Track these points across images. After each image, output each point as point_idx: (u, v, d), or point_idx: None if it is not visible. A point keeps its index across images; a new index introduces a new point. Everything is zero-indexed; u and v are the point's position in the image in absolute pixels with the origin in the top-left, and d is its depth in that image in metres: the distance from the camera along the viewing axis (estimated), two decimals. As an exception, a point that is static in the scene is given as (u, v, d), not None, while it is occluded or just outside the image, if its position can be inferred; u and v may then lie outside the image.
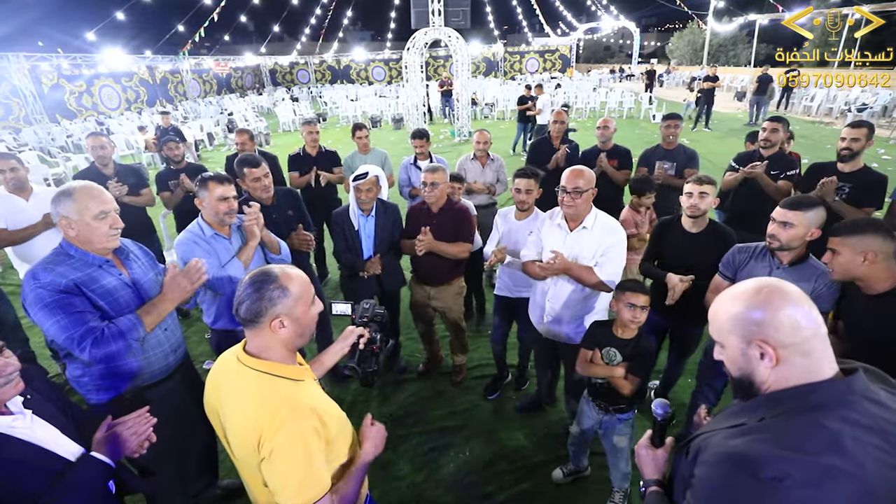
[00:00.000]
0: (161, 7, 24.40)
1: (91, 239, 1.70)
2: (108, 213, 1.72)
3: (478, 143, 4.07)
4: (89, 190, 1.70)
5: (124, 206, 3.63)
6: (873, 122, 12.88)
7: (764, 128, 3.35)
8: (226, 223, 2.31)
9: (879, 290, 1.61)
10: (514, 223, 2.81)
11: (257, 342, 1.23)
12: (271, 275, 1.20)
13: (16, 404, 1.28)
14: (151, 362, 1.88)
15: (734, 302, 0.93)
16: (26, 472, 1.22)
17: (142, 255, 1.99)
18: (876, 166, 3.50)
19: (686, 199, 2.45)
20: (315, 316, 1.31)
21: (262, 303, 1.18)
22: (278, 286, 1.19)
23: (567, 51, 30.36)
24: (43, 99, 14.96)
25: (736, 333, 0.92)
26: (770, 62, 15.18)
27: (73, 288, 1.65)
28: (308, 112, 17.94)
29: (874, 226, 1.61)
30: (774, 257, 2.04)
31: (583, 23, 36.29)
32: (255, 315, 1.18)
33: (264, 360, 1.21)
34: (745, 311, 0.91)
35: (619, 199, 4.08)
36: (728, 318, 0.94)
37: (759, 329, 0.89)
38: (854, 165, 2.90)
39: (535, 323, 2.61)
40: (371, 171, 2.73)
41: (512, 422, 2.98)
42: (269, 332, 1.20)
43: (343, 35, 42.19)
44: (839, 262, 1.67)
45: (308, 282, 1.27)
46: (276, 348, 1.23)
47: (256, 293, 1.18)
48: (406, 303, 3.30)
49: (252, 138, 4.26)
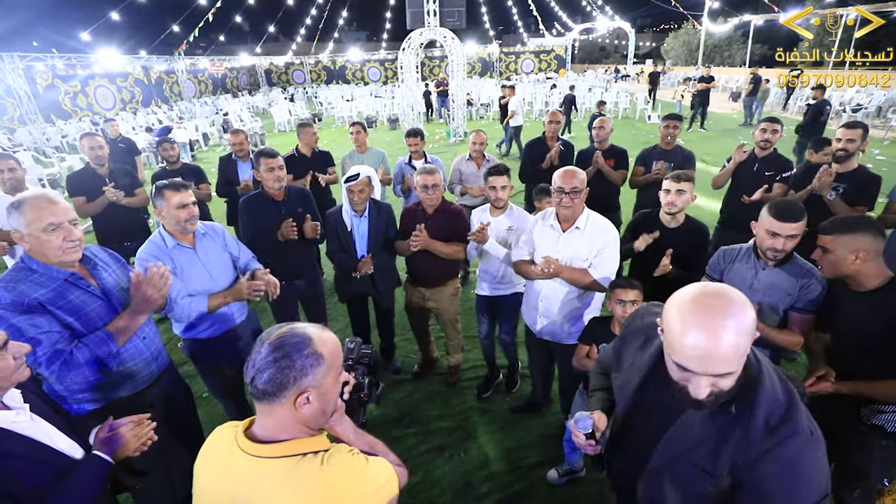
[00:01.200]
0: (156, 7, 24.30)
1: (44, 252, 1.59)
2: (59, 225, 1.59)
3: (474, 143, 4.08)
4: (38, 201, 1.58)
5: (119, 206, 3.67)
6: (867, 122, 12.99)
7: (763, 129, 3.34)
8: (188, 231, 2.18)
9: (868, 287, 1.63)
10: (490, 220, 2.81)
11: (271, 422, 0.98)
12: (305, 337, 0.97)
13: (16, 399, 1.26)
14: (133, 372, 1.85)
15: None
16: (28, 467, 1.21)
17: (112, 261, 1.89)
18: (871, 167, 3.54)
19: (664, 195, 2.50)
20: (339, 389, 1.09)
21: (291, 373, 0.94)
22: (313, 352, 0.97)
23: (562, 51, 30.45)
24: (38, 99, 14.85)
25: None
26: (766, 63, 15.29)
27: (37, 307, 1.55)
28: (304, 112, 17.90)
29: (865, 224, 1.61)
30: (759, 259, 2.02)
31: (578, 23, 36.29)
32: (280, 388, 0.94)
33: (279, 442, 0.96)
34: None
35: (614, 198, 4.09)
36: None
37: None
38: (849, 166, 2.92)
39: (529, 324, 2.61)
40: (363, 172, 2.73)
41: (507, 422, 2.97)
42: (290, 410, 0.97)
43: (338, 35, 42.14)
44: (830, 259, 1.67)
45: (339, 346, 1.07)
46: (293, 428, 0.98)
47: (286, 359, 0.94)
48: (401, 304, 3.29)
49: (247, 139, 4.25)
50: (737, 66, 27.87)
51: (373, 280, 2.96)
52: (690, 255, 2.47)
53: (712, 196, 3.77)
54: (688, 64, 32.54)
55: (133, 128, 13.99)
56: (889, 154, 9.26)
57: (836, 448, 1.83)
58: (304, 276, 3.08)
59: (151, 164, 11.22)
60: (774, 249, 1.89)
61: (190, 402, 2.31)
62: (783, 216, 1.84)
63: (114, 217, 3.75)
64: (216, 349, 2.37)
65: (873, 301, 1.60)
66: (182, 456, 2.25)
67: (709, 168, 7.88)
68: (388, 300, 3.23)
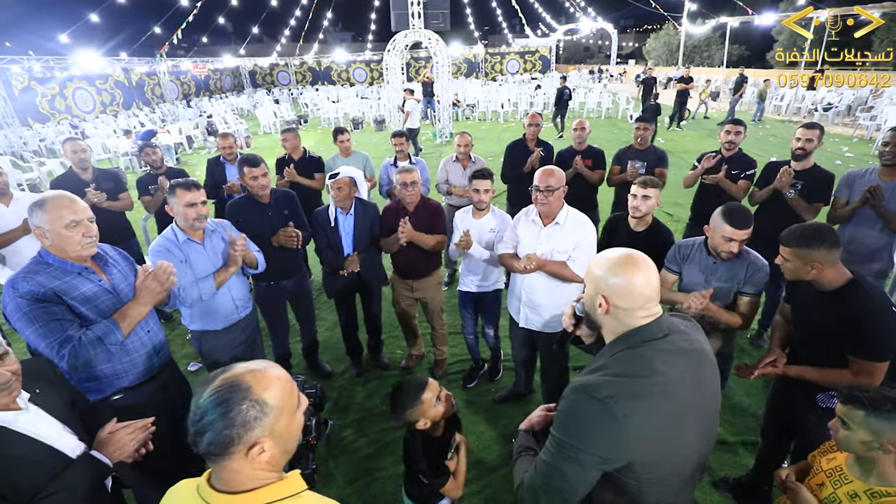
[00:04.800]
0: (137, 8, 23.97)
1: (64, 248, 1.72)
2: (80, 222, 1.72)
3: (458, 145, 4.20)
4: (60, 199, 1.71)
5: (103, 210, 3.68)
6: (838, 120, 13.43)
7: (728, 130, 3.52)
8: (197, 228, 2.34)
9: (829, 288, 1.77)
10: (472, 221, 2.96)
11: (228, 476, 0.89)
12: (241, 386, 0.87)
13: (21, 400, 1.33)
14: (136, 364, 1.93)
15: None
16: (24, 466, 1.27)
17: (121, 259, 2.00)
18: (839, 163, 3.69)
19: (631, 199, 2.66)
20: (302, 418, 1.00)
21: (231, 430, 0.85)
22: (252, 402, 0.87)
23: (547, 52, 30.76)
24: (13, 101, 14.58)
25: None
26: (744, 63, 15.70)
27: (52, 297, 1.67)
28: (289, 114, 17.82)
29: (819, 239, 1.71)
30: (710, 255, 2.28)
31: (562, 24, 36.78)
32: (225, 448, 0.85)
33: (247, 492, 0.88)
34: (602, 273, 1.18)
35: (593, 197, 4.25)
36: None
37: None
38: (806, 164, 3.10)
39: (512, 314, 2.75)
40: (345, 173, 2.90)
41: (491, 413, 3.10)
42: (245, 462, 0.88)
43: (323, 36, 41.99)
44: (789, 268, 1.82)
45: (289, 379, 0.97)
46: (256, 477, 0.90)
47: (222, 419, 0.84)
48: (388, 301, 3.40)
49: (236, 142, 4.31)
50: (715, 67, 28.51)
51: (360, 277, 3.07)
52: (655, 254, 2.60)
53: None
54: (669, 64, 33.13)
55: (114, 131, 13.81)
56: (857, 151, 9.63)
57: (796, 428, 2.04)
58: (292, 275, 3.17)
59: (135, 169, 11.12)
60: (730, 252, 2.17)
61: (188, 397, 2.38)
62: (738, 224, 2.11)
63: (98, 221, 3.75)
64: (220, 341, 2.55)
65: (833, 300, 1.75)
66: (179, 451, 2.34)
67: (688, 167, 8.10)
68: (376, 297, 3.34)
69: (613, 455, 1.05)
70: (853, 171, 3.01)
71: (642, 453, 1.06)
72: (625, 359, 1.11)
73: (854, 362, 1.70)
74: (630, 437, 1.03)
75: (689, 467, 1.17)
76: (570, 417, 1.10)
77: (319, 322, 3.94)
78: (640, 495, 1.11)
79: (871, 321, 1.65)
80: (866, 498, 1.35)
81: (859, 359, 1.69)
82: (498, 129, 14.59)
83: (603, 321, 1.20)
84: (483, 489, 2.56)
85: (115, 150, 11.64)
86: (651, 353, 1.10)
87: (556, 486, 1.09)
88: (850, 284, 1.73)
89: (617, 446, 1.04)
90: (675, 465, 1.13)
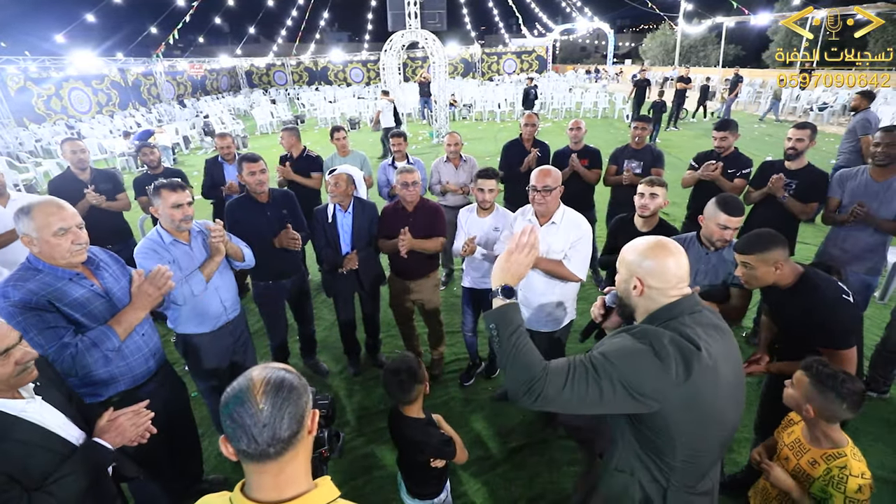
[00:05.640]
0: (133, 8, 23.87)
1: (53, 255, 1.67)
2: (68, 230, 1.68)
3: (448, 145, 4.21)
4: (48, 206, 1.66)
5: (101, 210, 3.69)
6: (833, 120, 13.46)
7: (714, 136, 3.57)
8: (183, 229, 2.29)
9: (788, 284, 1.87)
10: (476, 220, 2.98)
11: (279, 479, 0.85)
12: (282, 370, 0.89)
13: (27, 390, 1.35)
14: (132, 367, 1.93)
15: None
16: (35, 453, 1.30)
17: (112, 262, 1.98)
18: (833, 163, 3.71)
19: (638, 198, 2.67)
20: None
21: (301, 398, 0.87)
22: (302, 382, 0.90)
23: (543, 51, 30.81)
24: (9, 102, 14.52)
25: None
26: (739, 63, 15.72)
27: (44, 304, 1.64)
28: (286, 114, 17.80)
29: (775, 240, 1.82)
30: (703, 245, 2.40)
31: (559, 24, 36.78)
32: (300, 421, 0.86)
33: (288, 501, 0.85)
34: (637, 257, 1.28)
35: (590, 196, 4.27)
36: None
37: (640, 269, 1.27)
38: (799, 163, 3.13)
39: None
40: (343, 170, 2.92)
41: (489, 410, 3.11)
42: (303, 448, 0.88)
43: (320, 36, 41.88)
44: (755, 275, 1.87)
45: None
46: (300, 479, 0.89)
47: (293, 391, 0.86)
48: (386, 300, 3.41)
49: (234, 142, 4.31)
50: (712, 66, 28.62)
51: (358, 276, 3.09)
52: None
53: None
54: (665, 64, 33.23)
55: (111, 131, 13.77)
56: (852, 151, 9.66)
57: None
58: (291, 275, 3.18)
59: (132, 169, 11.10)
60: (724, 239, 2.26)
61: (185, 398, 2.40)
62: (732, 212, 2.21)
63: (96, 221, 3.77)
64: (209, 345, 2.48)
65: (792, 295, 1.86)
66: (177, 451, 2.35)
67: (685, 167, 8.14)
68: (374, 296, 3.35)
69: (657, 396, 1.14)
70: (845, 170, 3.03)
71: (678, 413, 1.16)
72: (671, 328, 1.20)
73: (824, 353, 1.76)
74: (674, 392, 1.13)
75: (725, 433, 1.28)
76: (620, 350, 1.19)
77: (317, 321, 3.95)
78: (673, 449, 1.21)
79: (823, 311, 1.75)
80: (823, 462, 1.55)
81: (826, 349, 1.77)
82: (494, 128, 14.61)
83: (637, 302, 1.30)
84: (482, 486, 2.58)
85: (111, 151, 11.62)
86: (693, 323, 1.20)
87: (582, 393, 1.18)
88: (802, 278, 1.83)
89: (662, 391, 1.13)
90: (709, 431, 1.23)
